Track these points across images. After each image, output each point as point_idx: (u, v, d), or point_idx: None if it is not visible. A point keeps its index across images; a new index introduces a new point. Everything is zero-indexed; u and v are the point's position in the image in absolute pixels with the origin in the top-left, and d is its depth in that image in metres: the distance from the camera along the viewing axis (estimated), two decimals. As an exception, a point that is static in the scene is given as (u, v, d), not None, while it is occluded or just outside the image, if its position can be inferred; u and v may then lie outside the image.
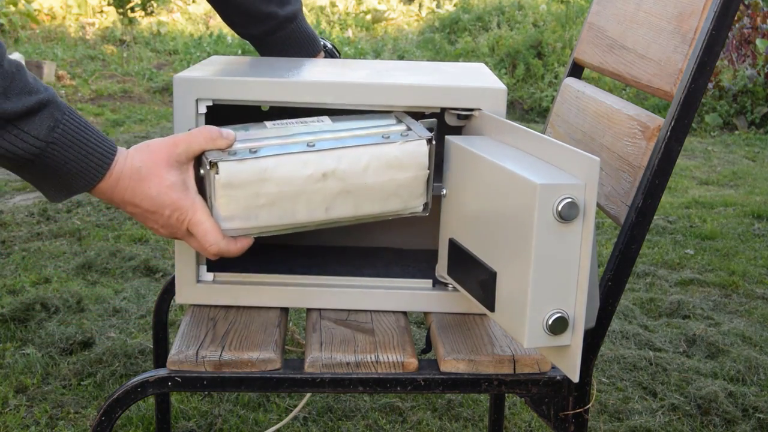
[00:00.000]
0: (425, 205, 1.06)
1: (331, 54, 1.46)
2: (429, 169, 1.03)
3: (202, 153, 0.97)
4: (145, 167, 0.94)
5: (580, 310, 0.87)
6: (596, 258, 0.90)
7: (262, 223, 0.99)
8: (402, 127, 1.04)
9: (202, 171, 0.98)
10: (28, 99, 0.87)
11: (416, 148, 1.02)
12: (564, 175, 0.86)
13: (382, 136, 1.02)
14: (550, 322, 0.87)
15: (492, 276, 0.93)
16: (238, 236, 1.00)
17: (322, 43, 1.45)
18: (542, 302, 0.87)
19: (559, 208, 0.84)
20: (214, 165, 0.95)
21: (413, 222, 1.30)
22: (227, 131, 0.97)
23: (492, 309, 0.94)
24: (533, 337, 0.88)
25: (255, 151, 0.97)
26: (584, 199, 0.84)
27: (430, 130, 1.05)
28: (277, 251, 1.28)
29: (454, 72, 1.19)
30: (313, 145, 0.99)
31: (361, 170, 1.00)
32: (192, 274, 1.12)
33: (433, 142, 1.03)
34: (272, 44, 1.40)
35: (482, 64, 1.29)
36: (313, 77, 1.09)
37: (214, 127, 0.97)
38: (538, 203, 0.83)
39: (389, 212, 1.04)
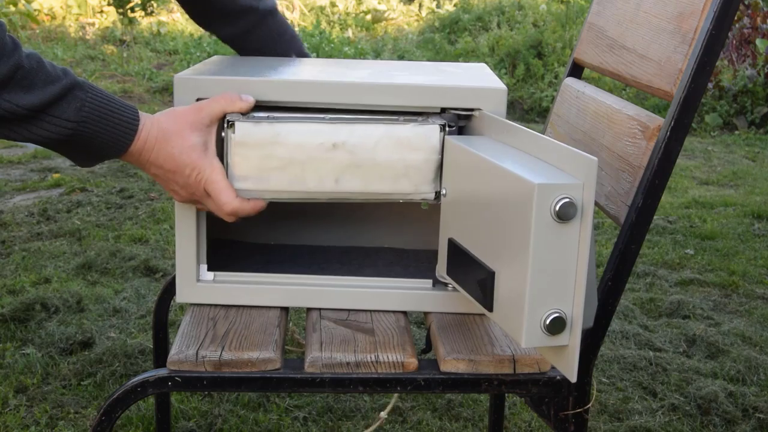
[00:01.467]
0: (437, 193, 1.07)
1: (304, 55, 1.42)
2: (440, 154, 1.05)
3: (224, 116, 1.03)
4: (171, 129, 1.01)
5: (578, 310, 0.87)
6: (594, 258, 0.90)
7: (273, 186, 1.05)
8: (421, 118, 1.07)
9: (223, 133, 1.04)
10: (52, 88, 0.93)
11: (428, 132, 1.05)
12: (562, 175, 0.87)
13: (398, 119, 1.05)
14: (547, 322, 0.87)
15: (490, 276, 0.93)
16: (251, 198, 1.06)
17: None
18: (540, 302, 0.87)
19: (557, 208, 0.84)
20: (231, 125, 1.03)
21: (416, 222, 1.30)
22: (246, 95, 1.04)
23: (490, 309, 0.94)
24: (531, 337, 0.88)
25: (273, 118, 1.03)
26: (582, 199, 0.84)
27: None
28: (279, 251, 1.28)
29: (456, 72, 1.19)
30: (327, 118, 1.04)
31: (372, 145, 1.04)
32: (192, 274, 1.12)
33: (447, 130, 1.05)
34: (253, 42, 1.37)
35: (484, 65, 1.29)
36: (314, 77, 1.09)
37: (234, 93, 1.04)
38: (536, 203, 0.84)
39: (399, 193, 1.06)
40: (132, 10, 7.92)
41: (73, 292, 2.48)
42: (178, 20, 8.15)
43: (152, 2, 8.21)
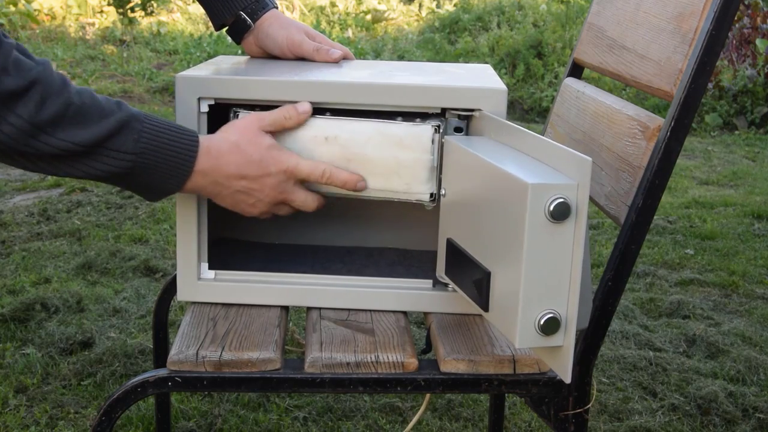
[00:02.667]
0: (432, 195, 1.07)
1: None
2: (433, 155, 1.05)
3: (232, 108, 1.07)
4: (241, 140, 1.02)
5: (572, 311, 0.87)
6: (589, 258, 0.90)
7: None
8: (419, 119, 1.08)
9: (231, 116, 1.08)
10: (107, 122, 0.93)
11: (421, 132, 1.05)
12: (556, 175, 0.87)
13: (395, 119, 1.06)
14: (542, 322, 0.87)
15: (486, 276, 0.93)
16: None
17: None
18: (534, 302, 0.87)
19: (551, 208, 0.84)
20: (236, 114, 1.07)
21: (419, 223, 1.30)
22: (303, 105, 1.05)
23: (486, 309, 0.94)
24: (525, 338, 0.88)
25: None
26: (576, 199, 0.84)
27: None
28: (281, 250, 1.28)
29: (457, 72, 1.19)
30: (323, 113, 1.06)
31: (363, 141, 1.05)
32: (193, 272, 1.12)
33: (441, 132, 1.05)
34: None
35: (488, 65, 1.29)
36: (315, 77, 1.09)
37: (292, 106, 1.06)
38: (530, 203, 0.84)
39: (393, 191, 1.08)
40: (132, 10, 7.92)
41: (73, 292, 2.48)
42: (178, 20, 8.15)
43: (152, 2, 8.21)
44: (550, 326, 0.87)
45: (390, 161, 1.06)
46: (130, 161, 0.94)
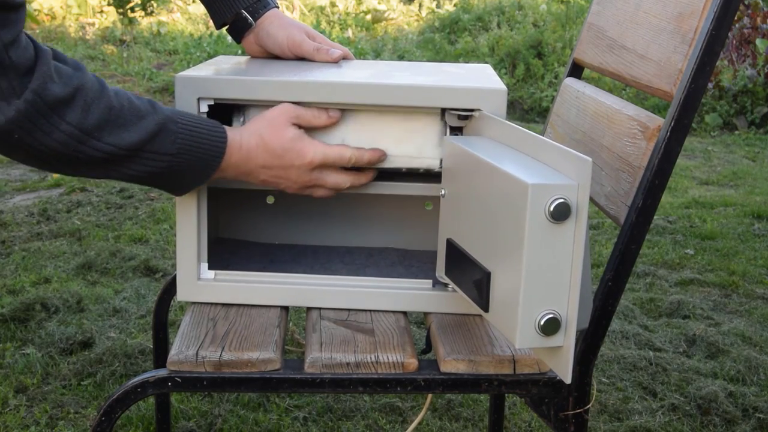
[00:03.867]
0: (441, 161, 1.10)
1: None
2: (442, 120, 1.09)
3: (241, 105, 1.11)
4: (268, 132, 1.04)
5: (572, 311, 0.87)
6: (589, 259, 0.90)
7: None
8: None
9: (236, 119, 1.11)
10: (146, 124, 0.95)
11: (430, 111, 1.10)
12: (557, 176, 0.87)
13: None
14: (542, 322, 0.87)
15: (486, 276, 0.93)
16: None
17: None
18: (534, 303, 0.87)
19: (551, 209, 0.84)
20: (243, 109, 1.10)
21: (420, 223, 1.30)
22: (334, 111, 1.08)
23: (486, 309, 0.94)
24: (525, 338, 0.88)
25: None
26: (576, 200, 0.84)
27: None
28: (282, 250, 1.28)
29: (457, 72, 1.19)
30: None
31: (376, 114, 1.09)
32: (193, 272, 1.12)
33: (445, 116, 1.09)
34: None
35: (488, 65, 1.29)
36: (315, 77, 1.09)
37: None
38: (530, 203, 0.84)
39: (405, 156, 1.10)
40: (132, 10, 7.92)
41: (73, 292, 2.48)
42: (178, 20, 8.15)
43: (152, 2, 8.21)
44: (550, 326, 0.87)
45: (401, 128, 1.10)
46: (167, 161, 0.97)
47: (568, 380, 0.89)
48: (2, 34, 0.84)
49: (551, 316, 0.87)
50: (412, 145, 1.10)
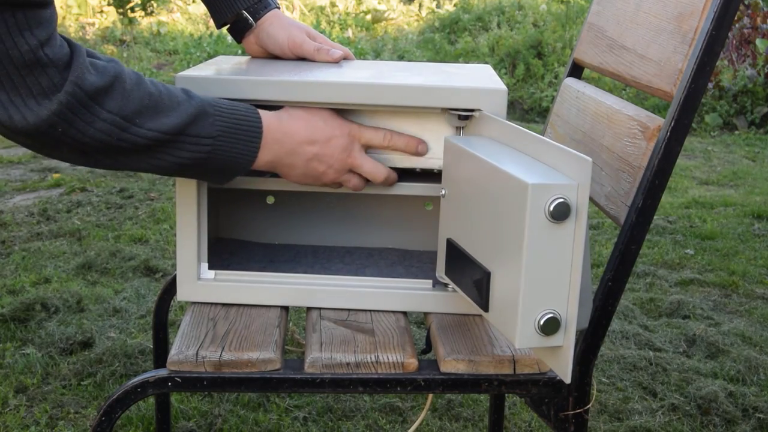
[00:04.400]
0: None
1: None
2: (449, 123, 1.10)
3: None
4: (302, 109, 1.06)
5: (572, 311, 0.87)
6: (589, 259, 0.90)
7: None
8: None
9: None
10: (184, 108, 0.95)
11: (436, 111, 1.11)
12: (557, 175, 0.87)
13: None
14: (541, 322, 0.87)
15: (486, 276, 0.93)
16: None
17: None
18: (534, 302, 0.87)
19: (551, 208, 0.84)
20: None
21: (420, 223, 1.30)
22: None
23: (486, 309, 0.94)
24: (525, 338, 0.88)
25: None
26: (576, 200, 0.84)
27: None
28: (282, 250, 1.28)
29: (457, 73, 1.19)
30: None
31: (385, 113, 1.11)
32: (193, 272, 1.12)
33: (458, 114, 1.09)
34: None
35: (488, 66, 1.29)
36: (315, 77, 1.09)
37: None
38: (530, 203, 0.84)
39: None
40: (132, 10, 7.92)
41: (73, 292, 2.48)
42: (178, 20, 8.15)
43: (152, 2, 8.21)
44: (550, 326, 0.87)
45: (413, 129, 1.10)
46: (209, 145, 0.97)
47: (568, 380, 0.89)
48: (37, 33, 0.85)
49: (551, 315, 0.87)
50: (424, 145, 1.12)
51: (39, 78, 0.85)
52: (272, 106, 1.07)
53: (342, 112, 1.10)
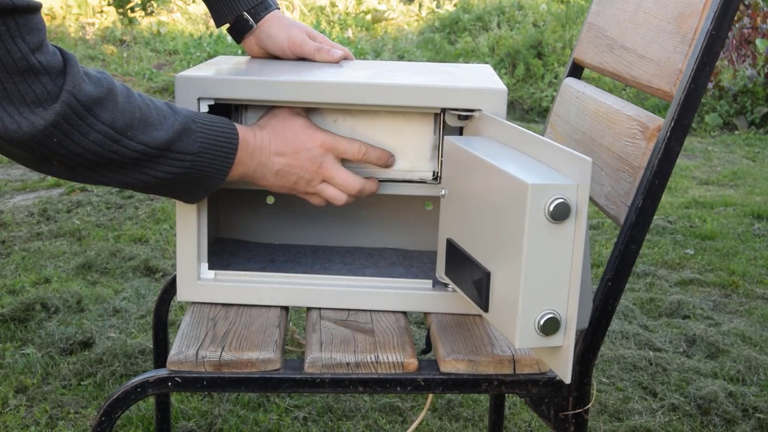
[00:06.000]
0: (434, 173, 1.12)
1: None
2: (435, 134, 1.11)
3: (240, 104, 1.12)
4: (277, 121, 1.06)
5: (572, 311, 0.87)
6: (589, 259, 0.90)
7: None
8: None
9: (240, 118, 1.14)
10: (171, 124, 0.95)
11: (423, 116, 1.12)
12: (556, 176, 0.87)
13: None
14: (541, 322, 0.87)
15: (486, 276, 0.93)
16: None
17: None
18: (534, 302, 0.87)
19: (551, 208, 0.84)
20: (246, 108, 1.13)
21: (420, 223, 1.30)
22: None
23: (486, 309, 0.94)
24: (525, 338, 0.88)
25: None
26: (576, 200, 0.84)
27: None
28: (282, 251, 1.28)
29: (457, 73, 1.19)
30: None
31: (370, 121, 1.11)
32: (193, 272, 1.12)
33: (443, 117, 1.10)
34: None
35: (488, 66, 1.29)
36: (315, 77, 1.09)
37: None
38: (530, 203, 0.84)
39: (400, 170, 1.13)
40: (132, 10, 7.92)
41: (73, 292, 2.48)
42: (178, 20, 8.15)
43: (152, 2, 8.20)
44: (550, 326, 0.87)
45: (395, 142, 1.11)
46: (190, 161, 0.97)
47: (567, 380, 0.89)
48: (28, 39, 0.84)
49: (551, 316, 0.87)
50: (406, 159, 1.13)
51: (32, 86, 0.84)
52: (271, 107, 1.07)
53: (341, 112, 1.10)
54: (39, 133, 0.86)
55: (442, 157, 1.09)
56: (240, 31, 1.27)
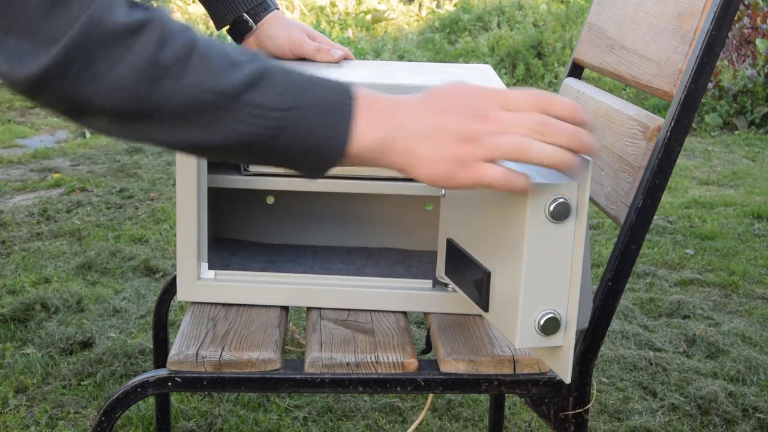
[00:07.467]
0: None
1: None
2: None
3: None
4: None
5: (572, 311, 0.87)
6: (589, 259, 0.90)
7: None
8: None
9: None
10: (241, 69, 0.75)
11: None
12: (556, 175, 0.87)
13: None
14: (542, 322, 0.87)
15: (486, 276, 0.93)
16: None
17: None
18: (534, 302, 0.87)
19: (551, 208, 0.84)
20: None
21: (420, 223, 1.30)
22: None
23: (486, 309, 0.94)
24: (525, 338, 0.88)
25: None
26: (576, 199, 0.85)
27: None
28: (282, 251, 1.28)
29: (457, 73, 1.19)
30: None
31: None
32: (193, 272, 1.12)
33: None
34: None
35: (488, 66, 1.29)
36: (313, 77, 1.09)
37: None
38: (530, 203, 0.84)
39: None
40: (132, 10, 7.91)
41: (73, 292, 2.48)
42: (178, 20, 8.14)
43: (152, 2, 8.19)
44: (550, 326, 0.87)
45: None
46: (277, 119, 0.75)
47: (568, 380, 0.89)
48: None
49: (551, 315, 0.87)
50: None
51: (59, 17, 0.69)
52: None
53: None
54: (52, 64, 0.69)
55: None
56: (240, 32, 1.27)
